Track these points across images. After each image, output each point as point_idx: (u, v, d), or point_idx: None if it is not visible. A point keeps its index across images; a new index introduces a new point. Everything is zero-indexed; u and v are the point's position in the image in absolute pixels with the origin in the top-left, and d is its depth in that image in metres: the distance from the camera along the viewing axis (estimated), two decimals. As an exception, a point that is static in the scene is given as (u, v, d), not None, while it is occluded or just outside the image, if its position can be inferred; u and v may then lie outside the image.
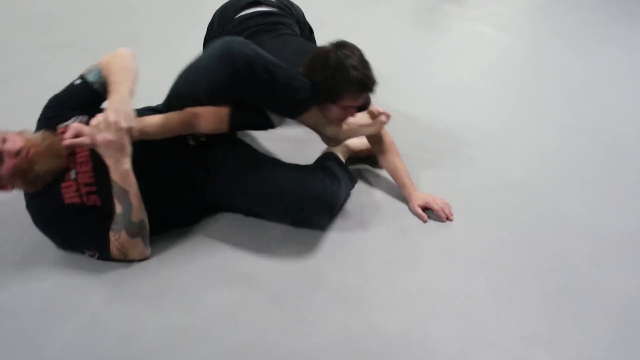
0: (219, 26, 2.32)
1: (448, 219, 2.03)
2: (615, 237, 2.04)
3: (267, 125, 1.88)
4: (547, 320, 1.70)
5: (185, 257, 1.86)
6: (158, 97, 1.96)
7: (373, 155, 2.23)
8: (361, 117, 2.02)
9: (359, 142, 2.26)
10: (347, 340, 1.61)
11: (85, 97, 1.83)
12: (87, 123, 1.68)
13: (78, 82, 1.86)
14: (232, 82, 1.69)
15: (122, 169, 1.68)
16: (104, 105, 1.77)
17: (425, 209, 2.06)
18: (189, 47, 3.17)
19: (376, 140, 2.13)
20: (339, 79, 1.79)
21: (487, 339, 1.63)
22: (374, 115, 2.03)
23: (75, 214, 1.73)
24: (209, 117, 1.79)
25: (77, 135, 1.64)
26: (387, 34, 3.64)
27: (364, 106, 1.99)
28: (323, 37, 2.41)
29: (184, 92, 1.79)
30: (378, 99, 2.80)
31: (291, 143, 2.41)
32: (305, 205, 1.85)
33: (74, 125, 1.66)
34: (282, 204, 1.85)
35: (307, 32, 2.50)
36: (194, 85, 1.75)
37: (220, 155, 1.89)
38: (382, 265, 1.87)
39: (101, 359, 1.53)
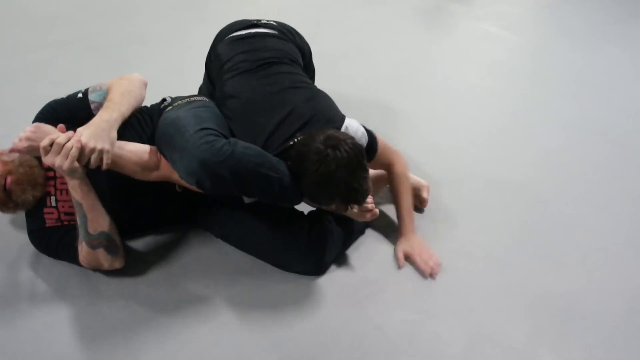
0: (212, 44, 2.13)
1: (431, 275, 1.82)
2: (621, 236, 2.03)
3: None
4: (552, 319, 1.70)
5: (191, 256, 1.86)
6: (161, 94, 1.96)
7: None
8: None
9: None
10: (353, 339, 1.61)
11: (78, 113, 1.75)
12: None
13: (80, 95, 1.80)
14: (207, 194, 1.66)
15: (72, 182, 1.61)
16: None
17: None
18: (194, 46, 3.18)
19: (389, 175, 1.96)
20: (326, 192, 1.61)
21: (493, 338, 1.63)
22: (362, 208, 1.77)
23: (54, 233, 1.73)
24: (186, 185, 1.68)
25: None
26: (392, 33, 3.63)
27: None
28: (328, 37, 2.41)
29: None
30: (384, 98, 2.81)
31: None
32: (288, 268, 1.81)
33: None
34: (267, 261, 1.83)
35: (308, 56, 2.19)
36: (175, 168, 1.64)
37: (206, 209, 1.87)
38: (388, 264, 1.87)
39: (108, 355, 1.53)
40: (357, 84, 2.92)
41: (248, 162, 1.55)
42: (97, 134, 1.56)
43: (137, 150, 1.67)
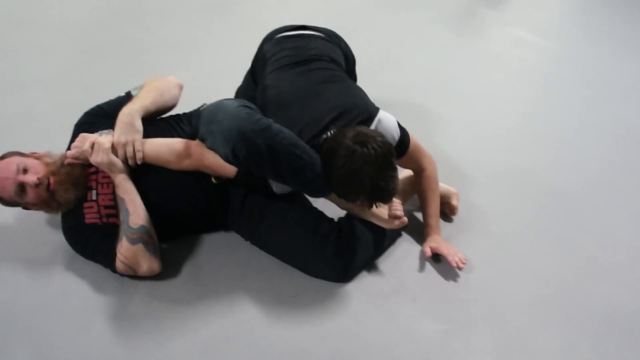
0: (260, 44, 2.17)
1: (458, 266, 1.80)
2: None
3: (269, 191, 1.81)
4: (588, 334, 1.67)
5: (221, 259, 1.87)
6: (194, 99, 1.98)
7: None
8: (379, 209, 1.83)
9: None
10: (383, 347, 1.60)
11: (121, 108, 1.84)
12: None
13: (123, 94, 1.94)
14: (236, 164, 1.66)
15: (116, 180, 1.74)
16: None
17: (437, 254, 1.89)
18: (225, 51, 3.21)
19: (418, 178, 1.96)
20: (352, 188, 1.61)
21: (525, 351, 1.61)
22: (391, 214, 1.80)
23: (92, 232, 1.76)
24: (216, 169, 1.76)
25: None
26: (422, 38, 3.61)
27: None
28: (358, 42, 2.40)
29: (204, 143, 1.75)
30: (413, 104, 2.79)
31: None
32: (315, 274, 1.81)
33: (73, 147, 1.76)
34: (295, 265, 1.83)
35: (351, 63, 2.22)
36: (209, 145, 1.70)
37: (238, 205, 1.85)
38: (420, 274, 1.86)
39: (140, 358, 1.55)
40: (387, 90, 2.91)
41: (284, 138, 1.61)
42: (122, 129, 1.73)
43: (169, 142, 1.79)
